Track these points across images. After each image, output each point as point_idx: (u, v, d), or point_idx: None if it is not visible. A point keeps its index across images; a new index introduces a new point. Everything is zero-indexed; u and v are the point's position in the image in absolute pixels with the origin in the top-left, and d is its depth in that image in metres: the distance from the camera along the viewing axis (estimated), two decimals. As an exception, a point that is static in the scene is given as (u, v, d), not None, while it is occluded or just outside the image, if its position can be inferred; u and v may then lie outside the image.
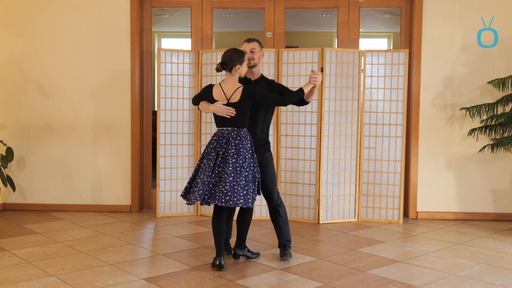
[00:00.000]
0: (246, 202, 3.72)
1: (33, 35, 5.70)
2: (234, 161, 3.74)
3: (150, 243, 4.61)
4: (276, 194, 4.11)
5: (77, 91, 5.72)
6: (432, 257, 4.21)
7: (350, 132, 5.41)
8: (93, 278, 3.62)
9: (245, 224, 4.05)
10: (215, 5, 5.84)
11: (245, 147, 3.80)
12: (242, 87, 3.83)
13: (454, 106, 5.51)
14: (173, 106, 5.60)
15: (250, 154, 3.82)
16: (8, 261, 4.00)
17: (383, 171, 5.43)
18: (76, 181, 5.78)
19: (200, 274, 3.74)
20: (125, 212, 5.73)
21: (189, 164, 5.67)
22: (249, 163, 3.79)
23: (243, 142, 3.80)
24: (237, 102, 3.81)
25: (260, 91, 3.85)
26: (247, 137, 3.84)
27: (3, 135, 5.74)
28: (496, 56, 5.45)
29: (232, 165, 3.73)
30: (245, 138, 3.83)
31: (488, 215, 5.55)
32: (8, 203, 5.81)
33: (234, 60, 3.82)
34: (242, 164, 3.75)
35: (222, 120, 3.85)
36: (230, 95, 3.83)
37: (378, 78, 5.44)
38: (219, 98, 3.85)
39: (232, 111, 3.80)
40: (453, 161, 5.55)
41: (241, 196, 3.69)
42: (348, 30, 5.77)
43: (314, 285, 3.55)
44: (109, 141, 5.73)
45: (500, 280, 3.68)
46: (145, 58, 5.84)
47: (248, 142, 3.83)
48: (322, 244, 4.59)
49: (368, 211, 5.48)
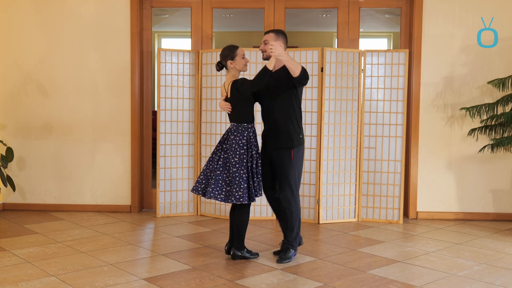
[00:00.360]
0: (227, 199, 3.80)
1: (33, 35, 5.70)
2: (225, 156, 3.88)
3: (150, 243, 4.61)
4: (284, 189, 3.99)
5: (77, 91, 5.72)
6: (432, 257, 4.21)
7: (350, 132, 5.41)
8: (93, 278, 3.62)
9: (238, 223, 3.95)
10: (215, 5, 5.84)
11: (238, 143, 3.86)
12: (231, 82, 3.93)
13: (454, 106, 5.51)
14: (173, 106, 5.60)
15: (244, 150, 3.85)
16: (8, 261, 4.00)
17: (383, 171, 5.43)
18: (76, 181, 5.78)
19: (200, 274, 3.74)
20: (125, 212, 5.73)
21: (189, 164, 5.67)
22: (240, 159, 3.82)
23: (238, 137, 3.88)
24: (230, 97, 3.95)
25: (241, 81, 3.86)
26: (244, 133, 3.89)
27: (3, 135, 5.74)
28: (496, 56, 5.45)
29: (223, 160, 3.87)
30: (241, 134, 3.88)
31: (488, 215, 5.55)
32: (8, 203, 5.81)
33: (226, 55, 3.94)
34: (231, 160, 3.84)
35: (229, 116, 4.03)
36: (228, 91, 3.97)
37: (378, 78, 5.44)
38: (223, 95, 4.05)
39: (228, 106, 3.94)
40: (453, 161, 5.55)
41: (222, 191, 3.81)
42: (348, 30, 5.77)
43: (314, 285, 3.56)
44: (109, 141, 5.73)
45: (500, 280, 3.68)
46: (145, 58, 5.85)
47: (242, 138, 3.86)
48: (322, 244, 4.59)
49: (368, 211, 5.48)
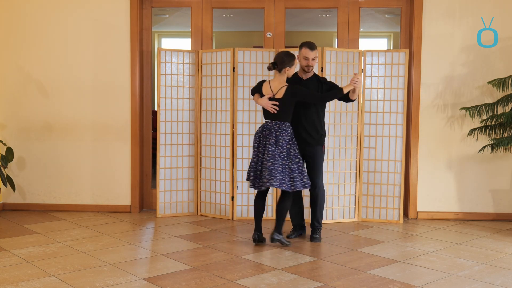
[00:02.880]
0: (281, 185, 4.27)
1: (33, 35, 5.70)
2: (273, 149, 4.30)
3: (150, 243, 4.61)
4: (319, 183, 4.65)
5: (77, 91, 5.72)
6: (432, 257, 4.21)
7: (350, 132, 5.41)
8: (93, 278, 3.62)
9: (283, 210, 4.42)
10: (215, 5, 5.84)
11: (284, 139, 4.34)
12: (287, 86, 4.36)
13: (454, 106, 5.51)
14: (173, 106, 5.60)
15: (289, 145, 4.34)
16: (8, 261, 4.00)
17: (383, 171, 5.43)
18: (76, 181, 5.78)
19: (200, 274, 3.74)
20: (125, 212, 5.73)
21: (189, 164, 5.67)
22: (287, 153, 4.32)
23: (283, 134, 4.34)
24: (280, 98, 4.36)
25: (301, 90, 4.38)
26: (288, 130, 4.37)
27: (3, 135, 5.74)
28: (496, 56, 5.45)
29: (272, 153, 4.29)
30: (285, 131, 4.36)
31: (488, 215, 5.55)
32: (8, 203, 5.81)
33: (286, 62, 4.36)
34: (279, 153, 4.30)
35: (268, 114, 4.42)
36: (276, 92, 4.37)
37: (378, 78, 5.44)
38: (267, 93, 4.41)
39: (276, 106, 4.33)
40: (453, 161, 5.55)
41: (277, 179, 4.25)
42: (348, 30, 5.77)
43: (314, 285, 3.56)
44: (109, 141, 5.73)
45: (500, 280, 3.68)
46: (145, 58, 5.85)
47: (288, 135, 4.36)
48: (322, 244, 4.59)
49: (368, 211, 5.48)
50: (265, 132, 4.39)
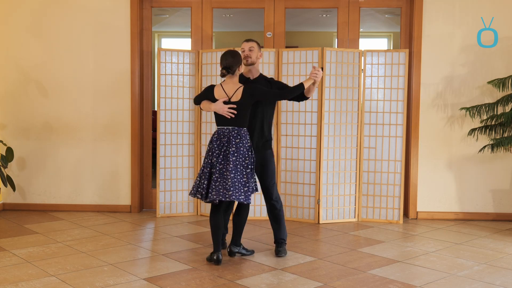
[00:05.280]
0: (247, 198, 3.91)
1: (33, 35, 5.70)
2: (234, 159, 3.89)
3: (150, 243, 4.61)
4: (275, 192, 4.23)
5: (77, 91, 5.72)
6: (432, 257, 4.21)
7: (350, 132, 5.41)
8: (93, 278, 3.62)
9: (242, 222, 4.13)
10: (215, 5, 5.84)
11: (245, 146, 3.95)
12: (243, 87, 3.97)
13: (454, 106, 5.51)
14: (173, 106, 5.60)
15: (250, 153, 3.97)
16: (8, 261, 4.00)
17: (383, 171, 5.43)
18: (76, 181, 5.78)
19: (200, 274, 3.74)
20: (125, 212, 5.73)
21: (189, 164, 5.67)
22: (250, 162, 3.96)
23: (243, 141, 3.95)
24: (238, 101, 3.94)
25: (260, 89, 4.00)
26: (247, 137, 3.98)
27: (3, 135, 5.74)
28: (496, 56, 5.45)
29: (233, 163, 3.88)
30: (245, 137, 3.97)
31: (488, 215, 5.55)
32: (8, 203, 5.81)
33: (235, 63, 3.97)
34: (242, 162, 3.92)
35: (223, 119, 3.97)
36: (232, 95, 3.96)
37: (378, 78, 5.44)
38: (221, 98, 3.98)
39: (233, 110, 3.92)
40: (453, 161, 5.55)
41: (241, 192, 3.87)
42: (348, 30, 5.77)
43: (314, 285, 3.56)
44: (109, 141, 5.73)
45: (500, 280, 3.68)
46: (145, 58, 5.85)
47: (248, 141, 3.97)
48: (322, 244, 4.59)
49: (368, 211, 5.48)
50: (222, 139, 3.93)
